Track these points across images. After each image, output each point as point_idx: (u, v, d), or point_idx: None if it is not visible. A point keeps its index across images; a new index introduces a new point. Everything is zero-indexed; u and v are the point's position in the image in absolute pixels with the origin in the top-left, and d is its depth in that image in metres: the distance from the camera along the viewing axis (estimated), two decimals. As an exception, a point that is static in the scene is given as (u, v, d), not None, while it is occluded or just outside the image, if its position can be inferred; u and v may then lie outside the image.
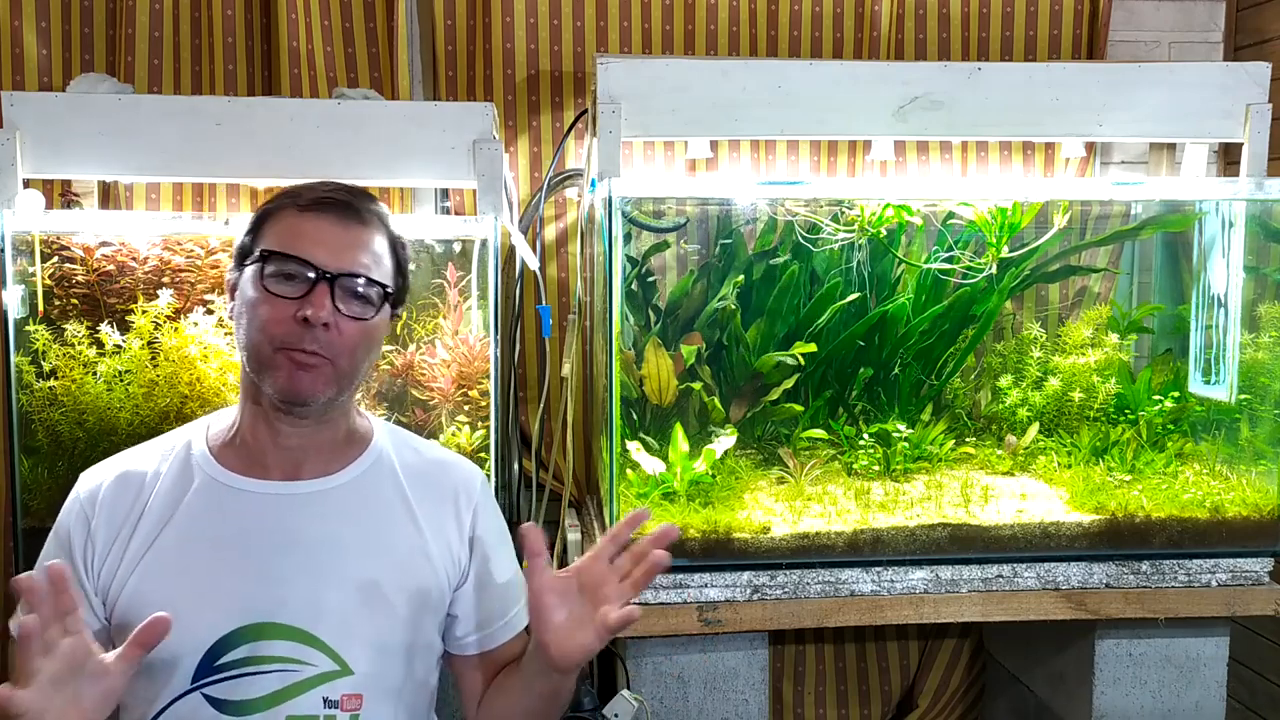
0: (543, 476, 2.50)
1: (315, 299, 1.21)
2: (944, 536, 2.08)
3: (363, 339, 1.26)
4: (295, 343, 1.21)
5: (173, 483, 1.28)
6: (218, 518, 1.25)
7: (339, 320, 1.23)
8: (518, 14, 2.49)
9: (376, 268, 1.27)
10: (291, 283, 1.22)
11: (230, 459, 1.30)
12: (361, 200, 1.29)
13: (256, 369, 1.24)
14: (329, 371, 1.24)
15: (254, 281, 1.23)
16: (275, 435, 1.28)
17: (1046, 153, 2.67)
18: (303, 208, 1.26)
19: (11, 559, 2.16)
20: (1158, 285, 2.62)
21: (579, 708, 2.03)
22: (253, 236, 1.28)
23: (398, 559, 1.29)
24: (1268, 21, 2.67)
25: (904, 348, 2.39)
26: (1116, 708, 2.17)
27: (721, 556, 2.02)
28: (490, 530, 1.39)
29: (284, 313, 1.21)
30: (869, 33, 2.59)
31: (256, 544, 1.24)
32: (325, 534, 1.26)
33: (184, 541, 1.24)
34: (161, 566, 1.23)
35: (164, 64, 2.39)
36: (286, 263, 1.22)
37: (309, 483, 1.29)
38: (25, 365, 1.93)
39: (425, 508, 1.34)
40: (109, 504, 1.27)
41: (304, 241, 1.23)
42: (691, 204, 2.49)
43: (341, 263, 1.24)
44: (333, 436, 1.32)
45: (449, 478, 1.38)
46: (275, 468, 1.29)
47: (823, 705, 2.80)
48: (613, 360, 1.99)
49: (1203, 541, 2.12)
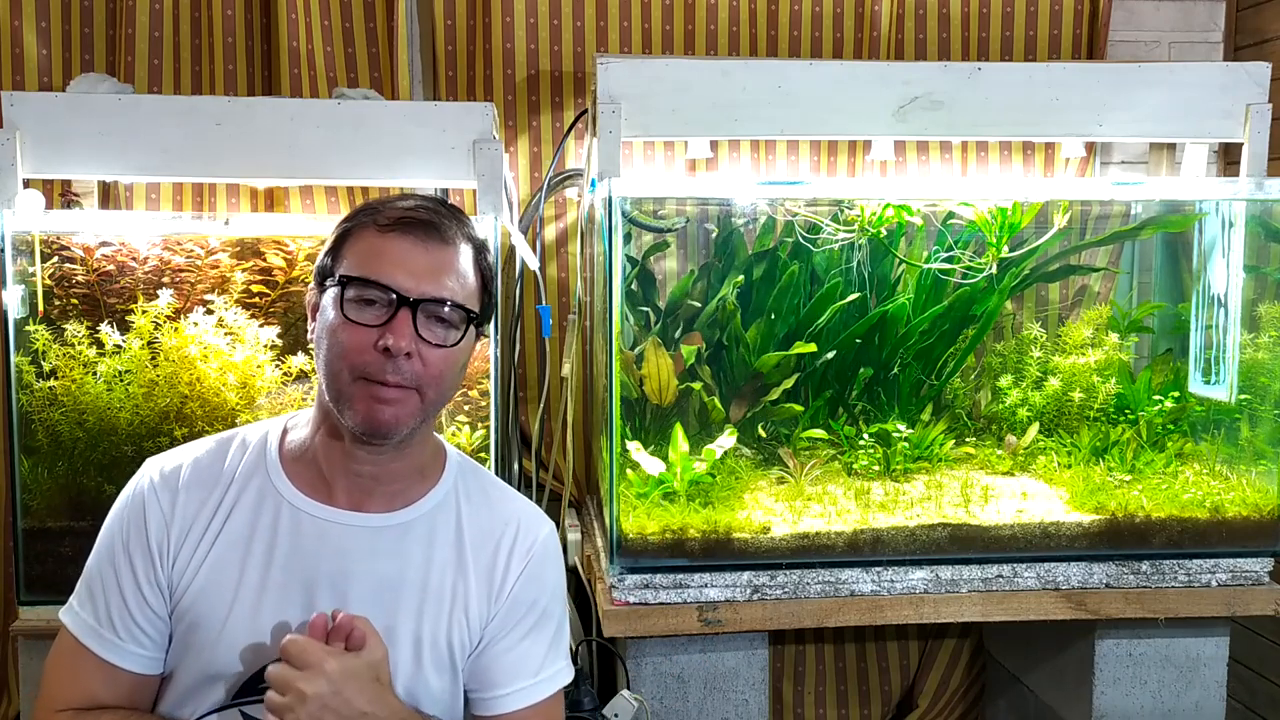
0: (543, 476, 2.50)
1: (397, 327, 1.15)
2: (944, 536, 2.08)
3: (448, 367, 1.20)
4: (376, 374, 1.16)
5: (242, 488, 1.24)
6: (277, 534, 1.22)
7: (422, 349, 1.17)
8: (518, 14, 2.49)
9: (461, 290, 1.20)
10: (372, 308, 1.16)
11: (300, 476, 1.25)
12: (445, 216, 1.22)
13: (335, 398, 1.19)
14: (414, 403, 1.19)
15: (333, 306, 1.17)
16: (349, 461, 1.23)
17: (1046, 153, 2.67)
18: (383, 227, 1.19)
19: (11, 559, 2.16)
20: (1158, 285, 2.62)
21: (579, 708, 2.03)
22: (332, 257, 1.21)
23: (440, 607, 1.25)
24: (1268, 21, 2.67)
25: (904, 348, 2.39)
26: (1116, 708, 2.17)
27: (721, 556, 2.02)
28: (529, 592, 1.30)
29: (364, 340, 1.16)
30: (869, 33, 2.59)
31: (308, 570, 1.21)
32: (377, 571, 1.23)
33: (244, 553, 1.21)
34: (222, 573, 1.20)
35: (164, 64, 2.39)
36: (366, 288, 1.16)
37: (372, 516, 1.25)
38: (25, 365, 1.93)
39: (477, 557, 1.28)
40: (186, 493, 1.23)
41: (385, 264, 1.17)
42: (692, 204, 2.49)
43: (424, 287, 1.17)
44: (406, 466, 1.27)
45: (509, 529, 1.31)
46: (342, 494, 1.24)
47: (823, 705, 2.80)
48: (613, 360, 1.99)
49: (1203, 541, 2.12)
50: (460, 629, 1.26)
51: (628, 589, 2.01)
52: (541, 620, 1.31)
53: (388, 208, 1.21)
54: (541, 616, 1.31)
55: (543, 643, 1.31)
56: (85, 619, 1.21)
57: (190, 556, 1.21)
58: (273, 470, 1.26)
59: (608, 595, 2.02)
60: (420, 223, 1.19)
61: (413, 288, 1.17)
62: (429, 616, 1.24)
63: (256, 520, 1.23)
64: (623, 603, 2.01)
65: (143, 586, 1.21)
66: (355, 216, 1.22)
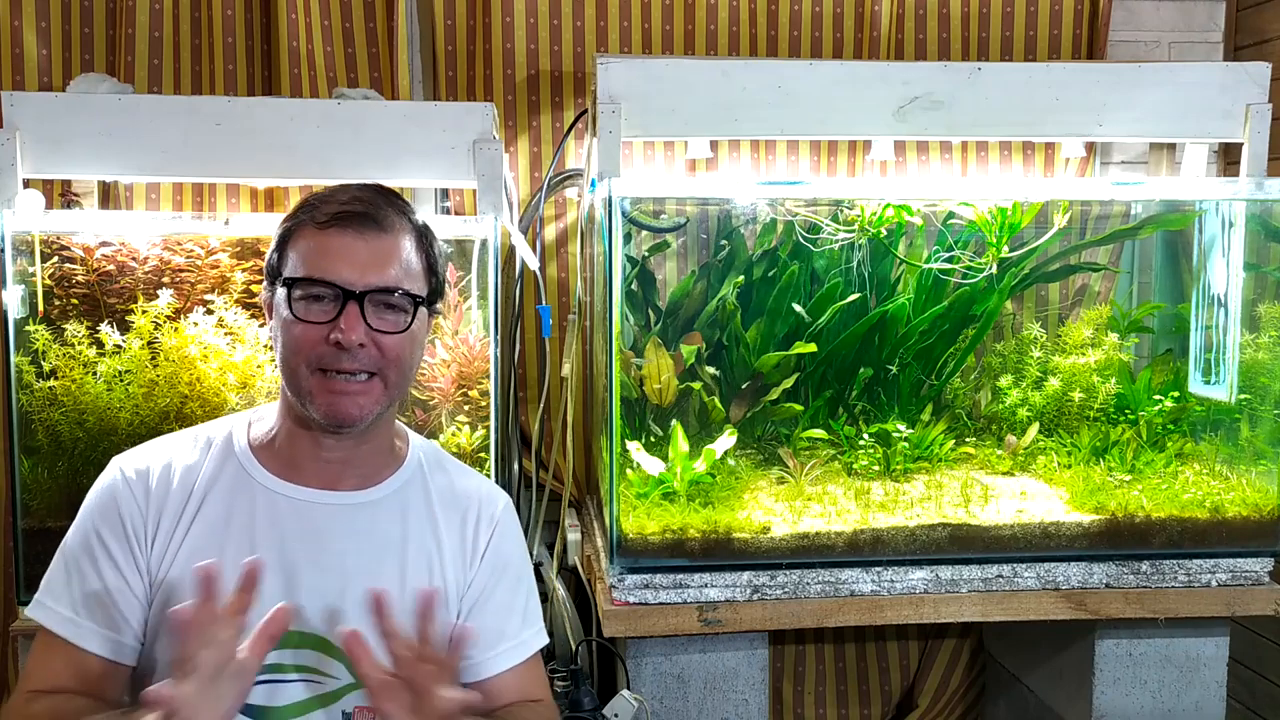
0: (543, 476, 2.50)
1: (346, 320, 1.18)
2: (944, 536, 2.08)
3: (404, 350, 1.23)
4: (333, 364, 1.19)
5: (213, 477, 1.26)
6: (253, 518, 1.24)
7: (376, 337, 1.20)
8: (518, 14, 2.49)
9: (406, 276, 1.23)
10: (320, 304, 1.19)
11: (270, 461, 1.28)
12: (381, 205, 1.24)
13: (297, 392, 1.22)
14: (377, 390, 1.22)
15: (284, 305, 1.21)
16: (318, 449, 1.26)
17: (1046, 153, 2.67)
18: (321, 224, 1.21)
19: (11, 559, 2.16)
20: (1158, 285, 2.62)
21: (579, 708, 2.03)
22: (278, 256, 1.24)
23: (420, 578, 1.28)
24: (1268, 21, 2.67)
25: (904, 348, 2.39)
26: (1116, 708, 2.17)
27: (721, 556, 2.02)
28: (499, 558, 1.35)
29: (317, 335, 1.19)
30: (869, 33, 2.59)
31: (288, 550, 1.23)
32: (353, 547, 1.25)
33: (221, 539, 1.23)
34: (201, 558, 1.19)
35: (164, 64, 2.39)
36: (312, 286, 1.19)
37: (345, 494, 1.28)
38: (25, 365, 1.93)
39: (448, 527, 1.32)
40: (161, 484, 1.24)
41: (327, 260, 1.19)
42: (691, 204, 2.49)
43: (369, 278, 1.20)
44: (375, 448, 1.30)
45: (473, 499, 1.36)
46: (314, 477, 1.27)
47: (823, 705, 2.80)
48: (613, 360, 1.99)
49: (1203, 541, 2.12)
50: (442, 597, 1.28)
51: (628, 589, 2.01)
52: (516, 582, 1.36)
53: (324, 203, 1.23)
54: (516, 579, 1.36)
55: (519, 604, 1.36)
56: (53, 607, 1.22)
57: (166, 545, 1.22)
58: (244, 458, 1.28)
59: (608, 595, 2.02)
60: (357, 215, 1.21)
61: (357, 280, 1.19)
62: (410, 586, 1.26)
63: (232, 506, 1.25)
64: (623, 603, 2.01)
65: (124, 570, 1.22)
66: (295, 215, 1.24)
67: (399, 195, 1.29)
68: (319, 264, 1.20)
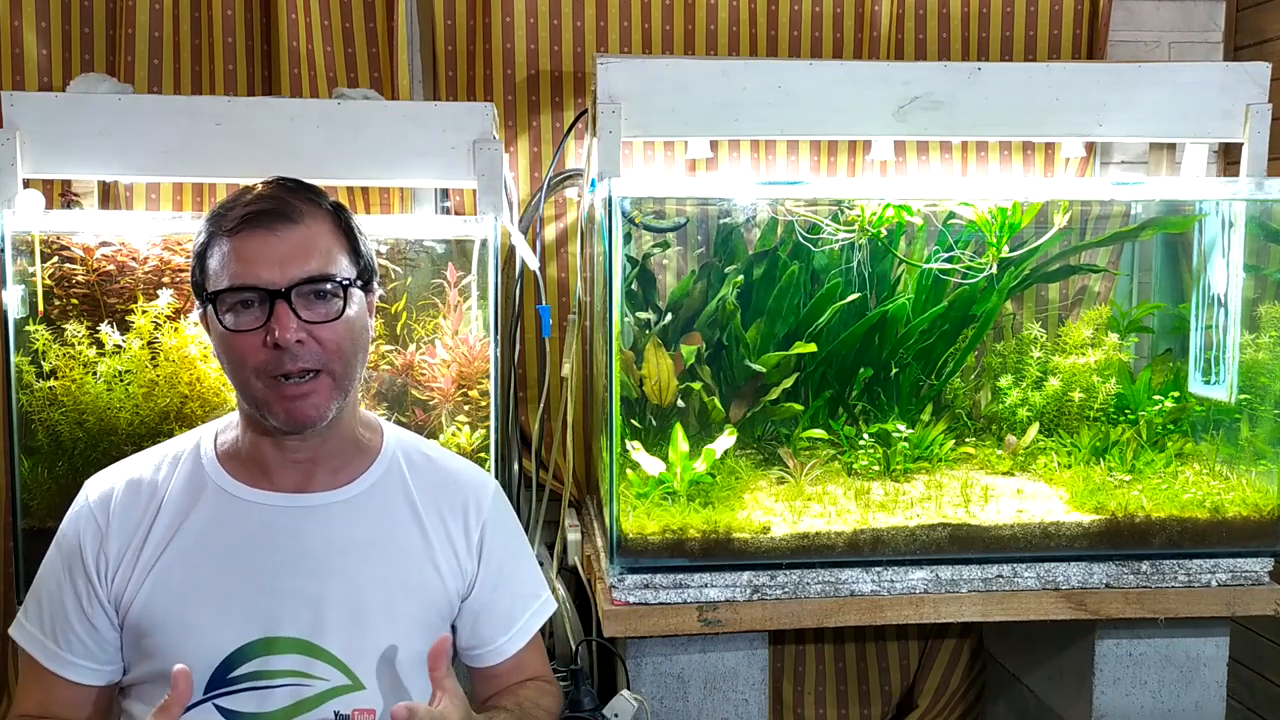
0: (543, 476, 2.50)
1: (279, 321, 1.16)
2: (944, 536, 2.08)
3: (346, 337, 1.21)
4: (278, 368, 1.17)
5: (182, 491, 1.26)
6: (227, 529, 1.23)
7: (312, 330, 1.18)
8: (518, 14, 2.49)
9: (329, 262, 1.20)
10: (249, 311, 1.18)
11: (238, 469, 1.27)
12: (286, 198, 1.21)
13: (251, 402, 1.21)
14: (327, 385, 1.21)
15: (215, 321, 1.19)
16: (283, 451, 1.26)
17: (1046, 153, 2.67)
18: (230, 231, 1.18)
19: (11, 559, 2.16)
20: (1158, 285, 2.62)
21: (579, 708, 2.03)
22: (200, 272, 1.22)
23: (406, 572, 1.27)
24: (1268, 21, 2.67)
25: (904, 348, 2.39)
26: (1116, 708, 2.18)
27: (721, 556, 2.02)
28: (499, 543, 1.36)
29: (254, 342, 1.17)
30: (869, 33, 2.59)
31: (265, 557, 1.22)
32: (333, 547, 1.24)
33: (194, 553, 1.22)
34: (172, 578, 1.21)
35: (164, 64, 2.39)
36: (235, 294, 1.17)
37: (318, 495, 1.27)
38: (25, 365, 1.93)
39: (434, 519, 1.31)
40: (121, 512, 1.24)
41: (244, 265, 1.17)
42: (691, 204, 2.48)
43: (290, 273, 1.17)
44: (340, 443, 1.29)
45: (460, 488, 1.35)
46: (285, 480, 1.26)
47: (823, 705, 2.80)
48: (613, 360, 1.99)
49: (1203, 541, 2.12)
50: (434, 585, 1.29)
51: (628, 589, 2.01)
52: (519, 558, 1.39)
53: (231, 209, 1.20)
54: (518, 555, 1.39)
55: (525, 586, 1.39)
56: (34, 633, 1.24)
57: (132, 569, 1.22)
58: (211, 470, 1.27)
59: (608, 595, 2.02)
60: (265, 213, 1.19)
61: (279, 278, 1.17)
62: (396, 581, 1.26)
63: (205, 519, 1.24)
64: (623, 603, 2.01)
65: (85, 607, 1.22)
66: (205, 227, 1.22)
67: (306, 184, 1.26)
68: (237, 271, 1.17)
